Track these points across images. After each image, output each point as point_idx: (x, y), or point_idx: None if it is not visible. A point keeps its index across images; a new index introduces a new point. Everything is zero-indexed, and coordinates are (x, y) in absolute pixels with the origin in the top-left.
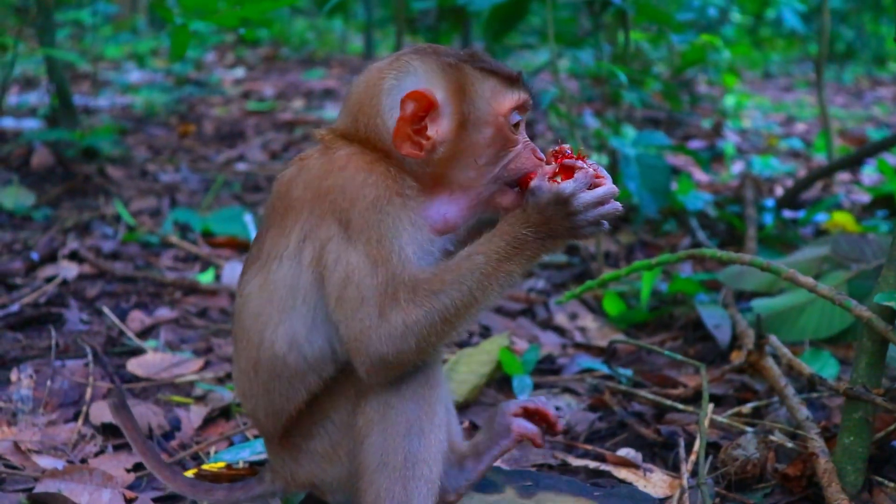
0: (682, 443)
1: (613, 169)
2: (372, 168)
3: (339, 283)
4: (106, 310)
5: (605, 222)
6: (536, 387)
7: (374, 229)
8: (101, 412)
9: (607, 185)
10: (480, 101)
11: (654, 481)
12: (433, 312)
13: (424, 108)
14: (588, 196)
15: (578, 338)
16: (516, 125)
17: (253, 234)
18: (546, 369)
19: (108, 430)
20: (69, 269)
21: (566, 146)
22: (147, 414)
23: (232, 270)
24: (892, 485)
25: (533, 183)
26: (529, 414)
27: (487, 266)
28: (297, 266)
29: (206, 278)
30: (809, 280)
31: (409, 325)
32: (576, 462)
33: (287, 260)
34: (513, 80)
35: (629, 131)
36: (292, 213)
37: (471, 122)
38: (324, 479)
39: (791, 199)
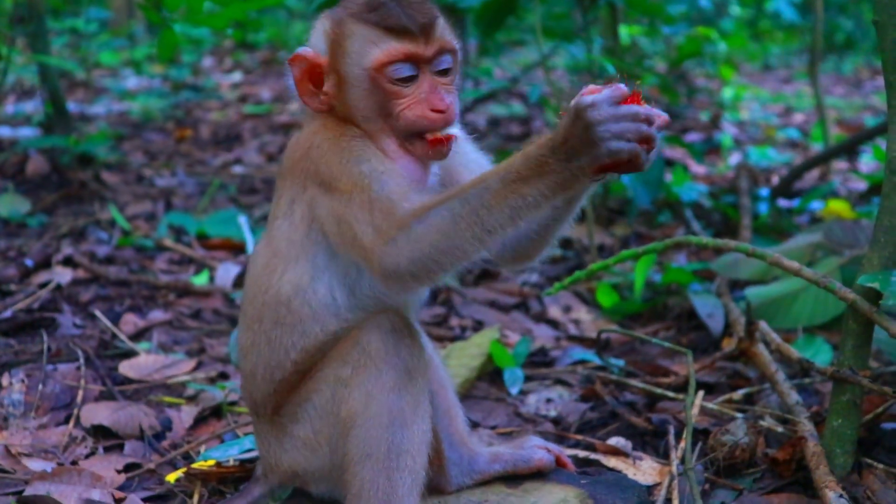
0: (671, 430)
1: None
2: (332, 127)
3: (335, 230)
4: (98, 313)
5: (637, 146)
6: (528, 379)
7: (337, 169)
8: (93, 414)
9: (639, 106)
10: (354, 56)
11: (644, 469)
12: (432, 228)
13: (312, 67)
14: (610, 109)
15: (572, 330)
16: (406, 79)
17: (248, 236)
18: (539, 362)
19: (98, 433)
20: (63, 275)
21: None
22: (138, 415)
23: (226, 272)
24: (881, 466)
25: (571, 102)
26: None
27: (496, 184)
28: (290, 224)
29: (201, 280)
30: (794, 264)
31: (407, 236)
32: (566, 452)
33: (283, 219)
34: (395, 31)
35: None
36: (281, 180)
37: (348, 77)
38: (306, 468)
39: (786, 188)
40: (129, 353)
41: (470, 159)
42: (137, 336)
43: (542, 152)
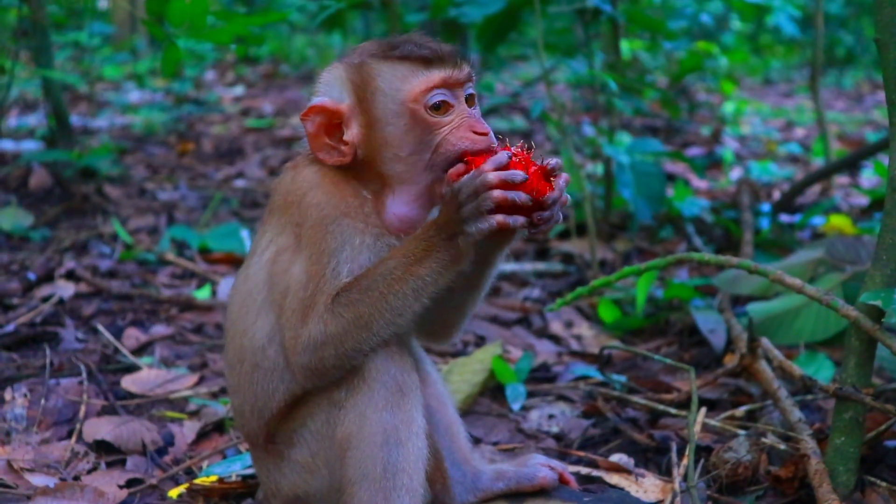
0: (674, 447)
1: (608, 177)
2: (329, 186)
3: (282, 291)
4: (101, 328)
5: (515, 218)
6: (530, 395)
7: (316, 246)
8: (95, 429)
9: (495, 172)
10: (384, 95)
11: (647, 486)
12: (348, 320)
13: (331, 118)
14: (470, 186)
15: (574, 346)
16: (438, 106)
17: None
18: (541, 377)
19: (101, 448)
20: (66, 289)
21: (517, 146)
22: (141, 430)
23: (228, 286)
24: (884, 484)
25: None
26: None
27: (397, 270)
28: (262, 264)
29: (203, 294)
30: (797, 281)
31: (326, 333)
32: (569, 468)
33: (258, 256)
34: (427, 61)
35: (626, 139)
36: (269, 216)
37: (380, 117)
38: (307, 490)
39: (788, 203)
40: (132, 368)
41: None
42: (140, 350)
43: (430, 234)
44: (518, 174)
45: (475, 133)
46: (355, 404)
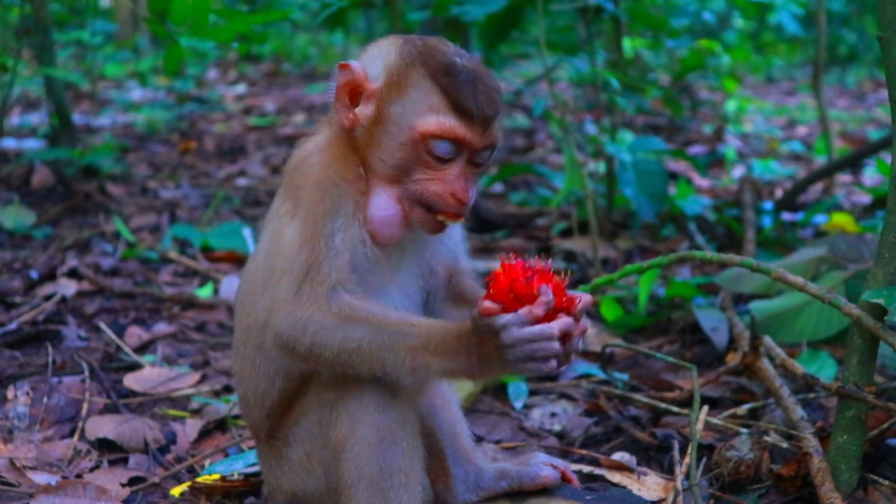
0: (676, 445)
1: (611, 175)
2: (334, 152)
3: (274, 252)
4: (103, 326)
5: (548, 363)
6: (532, 393)
7: (311, 207)
8: (97, 428)
9: (545, 326)
10: (408, 109)
11: (649, 484)
12: (341, 332)
13: (354, 84)
14: (519, 332)
15: None
16: (443, 158)
17: (252, 248)
18: (543, 376)
19: (103, 446)
20: (68, 287)
21: (529, 262)
22: (143, 428)
23: (230, 284)
24: (886, 483)
25: (472, 314)
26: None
27: (414, 341)
28: (266, 235)
29: (205, 293)
30: (799, 279)
31: (317, 322)
32: (571, 467)
33: (267, 228)
34: (462, 112)
35: (628, 137)
36: (278, 191)
37: (390, 118)
38: (304, 489)
39: (790, 202)
40: (134, 366)
41: (450, 236)
42: (142, 349)
43: (461, 345)
44: (575, 327)
45: (453, 197)
46: (346, 406)
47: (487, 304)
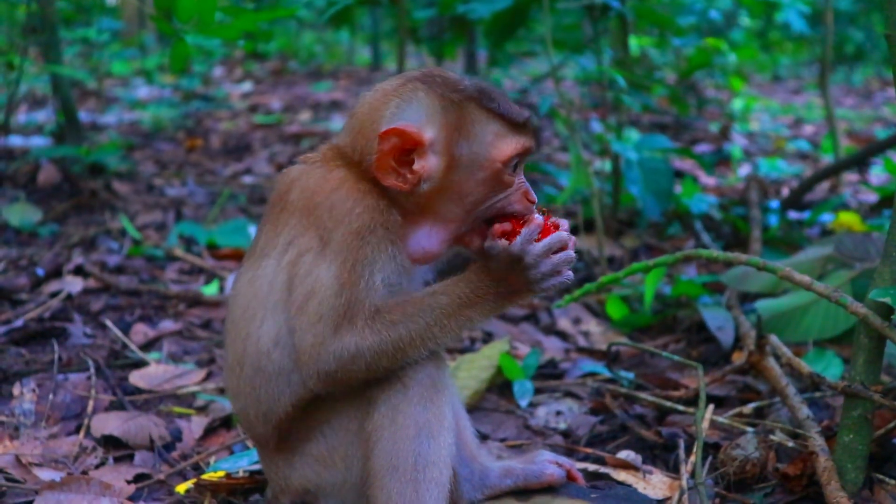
0: (682, 444)
1: (616, 173)
2: (362, 196)
3: (305, 294)
4: (109, 323)
5: (567, 272)
6: (538, 391)
7: (350, 254)
8: (103, 424)
9: (556, 233)
10: (478, 145)
11: (654, 483)
12: (387, 341)
13: (408, 143)
14: (538, 248)
15: (582, 342)
16: (515, 168)
17: None
18: (548, 374)
19: (109, 443)
20: (74, 284)
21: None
22: (148, 425)
23: None
24: (892, 482)
25: (486, 244)
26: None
27: (450, 307)
28: (277, 265)
29: (210, 290)
30: (805, 278)
31: (362, 348)
32: (576, 465)
33: (274, 259)
34: (518, 126)
35: (634, 135)
36: (285, 215)
37: (464, 163)
38: (318, 483)
39: (796, 201)
40: (140, 363)
41: None
42: (147, 346)
43: (486, 284)
44: (562, 223)
45: (528, 200)
46: (388, 399)
47: (498, 225)
